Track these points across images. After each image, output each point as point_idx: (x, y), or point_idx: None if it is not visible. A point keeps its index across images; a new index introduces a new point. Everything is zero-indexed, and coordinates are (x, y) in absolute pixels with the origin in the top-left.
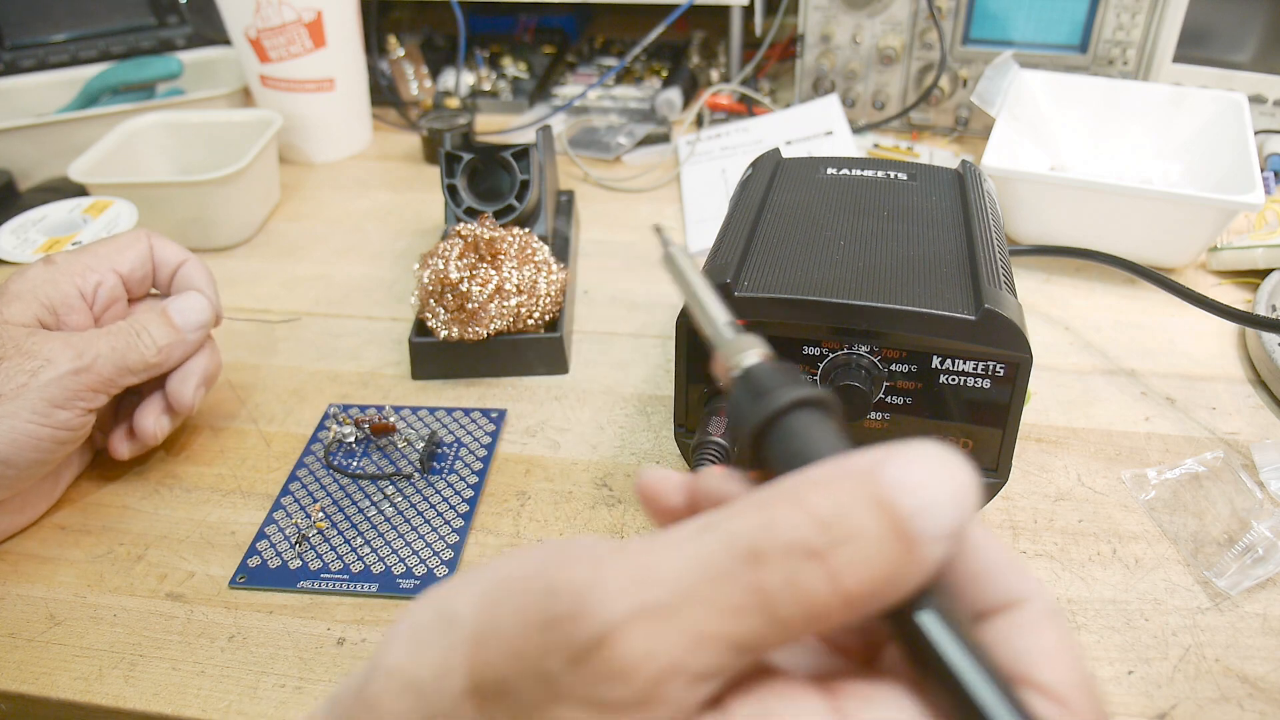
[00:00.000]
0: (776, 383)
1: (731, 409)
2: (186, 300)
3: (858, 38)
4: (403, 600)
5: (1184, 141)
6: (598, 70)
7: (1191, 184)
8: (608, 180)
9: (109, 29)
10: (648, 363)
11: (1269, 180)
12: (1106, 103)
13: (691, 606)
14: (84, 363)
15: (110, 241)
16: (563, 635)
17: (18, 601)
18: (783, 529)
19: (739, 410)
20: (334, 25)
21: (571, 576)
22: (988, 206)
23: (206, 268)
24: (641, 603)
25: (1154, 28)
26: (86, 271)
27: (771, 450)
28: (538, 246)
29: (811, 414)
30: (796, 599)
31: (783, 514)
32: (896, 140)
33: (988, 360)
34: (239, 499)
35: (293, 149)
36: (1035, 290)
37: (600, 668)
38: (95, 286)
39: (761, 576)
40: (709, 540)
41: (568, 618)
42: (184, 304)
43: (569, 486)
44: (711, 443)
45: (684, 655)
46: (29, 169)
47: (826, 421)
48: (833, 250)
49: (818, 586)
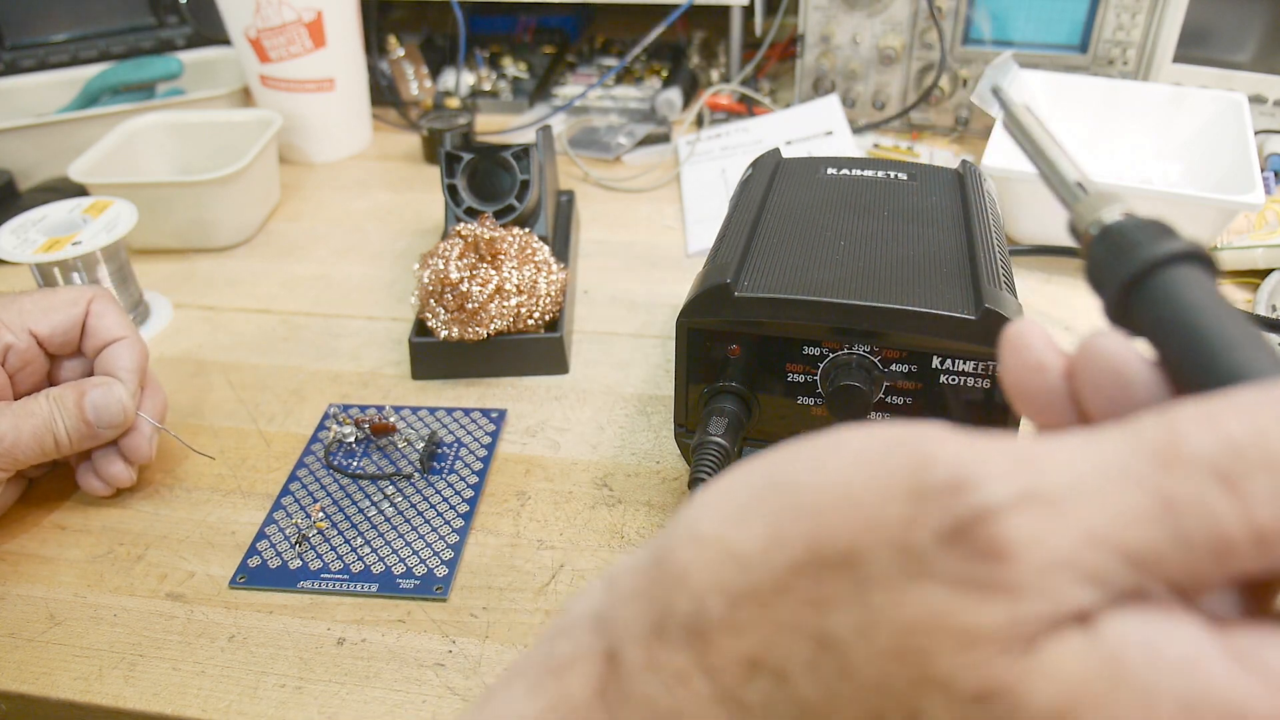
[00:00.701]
0: (1148, 236)
1: (1091, 271)
2: (106, 394)
3: (858, 38)
4: (402, 600)
5: (1184, 141)
6: (598, 70)
7: (1191, 184)
8: (608, 180)
9: (109, 29)
10: (648, 363)
11: (1269, 180)
12: (1106, 103)
13: (1088, 500)
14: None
15: (43, 297)
16: (938, 507)
17: (18, 601)
18: (1193, 443)
19: (1100, 270)
20: (334, 25)
21: (953, 450)
22: (988, 206)
23: (140, 351)
24: (1033, 486)
25: (1154, 28)
26: (1, 330)
27: (1147, 312)
28: (538, 246)
29: (1192, 271)
30: (1204, 520)
31: (1193, 429)
32: (896, 140)
33: (988, 360)
34: (239, 499)
35: (293, 149)
36: (1035, 290)
37: (980, 546)
38: (4, 349)
39: (1170, 484)
40: (1110, 437)
41: (946, 490)
42: (102, 399)
43: (569, 486)
44: (712, 442)
45: (1075, 550)
46: (29, 169)
47: (1209, 283)
48: (833, 250)
49: (1227, 513)
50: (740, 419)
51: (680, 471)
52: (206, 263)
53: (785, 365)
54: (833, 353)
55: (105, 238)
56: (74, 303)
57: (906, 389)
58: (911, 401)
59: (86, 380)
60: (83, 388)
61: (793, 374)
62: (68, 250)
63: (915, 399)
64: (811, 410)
